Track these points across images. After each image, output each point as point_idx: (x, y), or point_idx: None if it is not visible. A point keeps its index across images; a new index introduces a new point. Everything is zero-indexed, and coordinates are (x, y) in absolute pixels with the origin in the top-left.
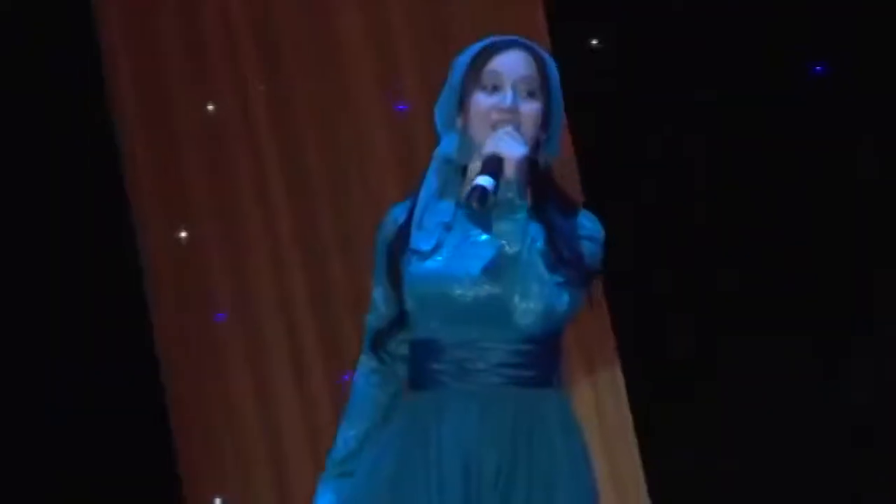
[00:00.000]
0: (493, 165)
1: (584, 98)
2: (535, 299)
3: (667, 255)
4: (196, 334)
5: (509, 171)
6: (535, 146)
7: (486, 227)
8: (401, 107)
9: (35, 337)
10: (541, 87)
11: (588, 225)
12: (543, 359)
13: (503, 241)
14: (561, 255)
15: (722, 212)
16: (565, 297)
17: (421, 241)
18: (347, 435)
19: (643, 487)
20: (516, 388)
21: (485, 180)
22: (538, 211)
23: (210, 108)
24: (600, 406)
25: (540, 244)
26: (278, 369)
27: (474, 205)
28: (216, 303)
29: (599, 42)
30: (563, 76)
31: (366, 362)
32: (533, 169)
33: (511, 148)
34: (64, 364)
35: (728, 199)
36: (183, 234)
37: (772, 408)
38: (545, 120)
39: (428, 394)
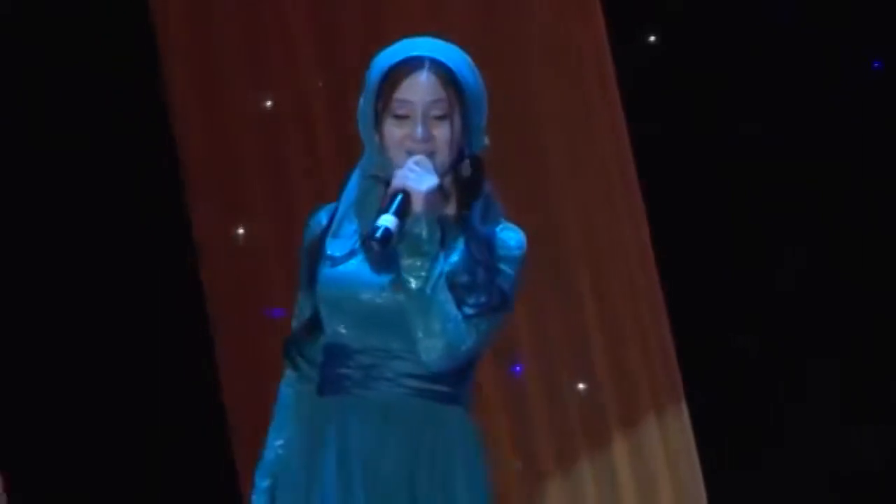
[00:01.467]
0: (399, 202)
1: (642, 94)
2: (436, 337)
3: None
4: (253, 331)
5: (417, 206)
6: (459, 157)
7: (393, 263)
8: None
9: (91, 335)
10: (451, 105)
11: (508, 244)
12: (452, 375)
13: (407, 277)
14: (475, 279)
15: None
16: (472, 335)
17: (335, 248)
18: (274, 444)
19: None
20: (420, 401)
21: (387, 220)
22: (462, 223)
23: (268, 104)
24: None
25: (454, 263)
26: None
27: (375, 246)
28: (273, 299)
29: (657, 38)
30: (621, 72)
31: (287, 371)
32: (457, 180)
33: (418, 183)
34: (118, 362)
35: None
36: (240, 231)
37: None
38: (463, 132)
39: (331, 399)
